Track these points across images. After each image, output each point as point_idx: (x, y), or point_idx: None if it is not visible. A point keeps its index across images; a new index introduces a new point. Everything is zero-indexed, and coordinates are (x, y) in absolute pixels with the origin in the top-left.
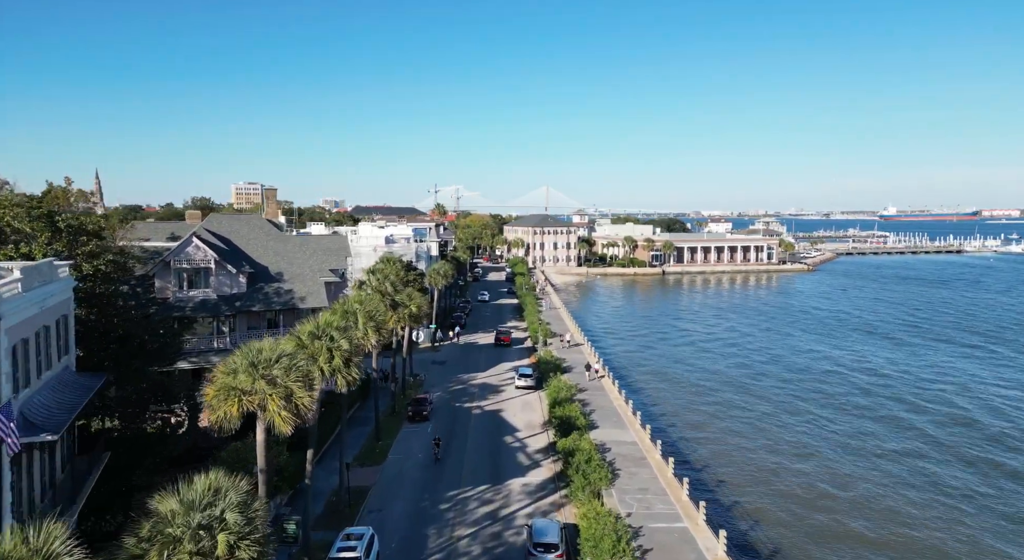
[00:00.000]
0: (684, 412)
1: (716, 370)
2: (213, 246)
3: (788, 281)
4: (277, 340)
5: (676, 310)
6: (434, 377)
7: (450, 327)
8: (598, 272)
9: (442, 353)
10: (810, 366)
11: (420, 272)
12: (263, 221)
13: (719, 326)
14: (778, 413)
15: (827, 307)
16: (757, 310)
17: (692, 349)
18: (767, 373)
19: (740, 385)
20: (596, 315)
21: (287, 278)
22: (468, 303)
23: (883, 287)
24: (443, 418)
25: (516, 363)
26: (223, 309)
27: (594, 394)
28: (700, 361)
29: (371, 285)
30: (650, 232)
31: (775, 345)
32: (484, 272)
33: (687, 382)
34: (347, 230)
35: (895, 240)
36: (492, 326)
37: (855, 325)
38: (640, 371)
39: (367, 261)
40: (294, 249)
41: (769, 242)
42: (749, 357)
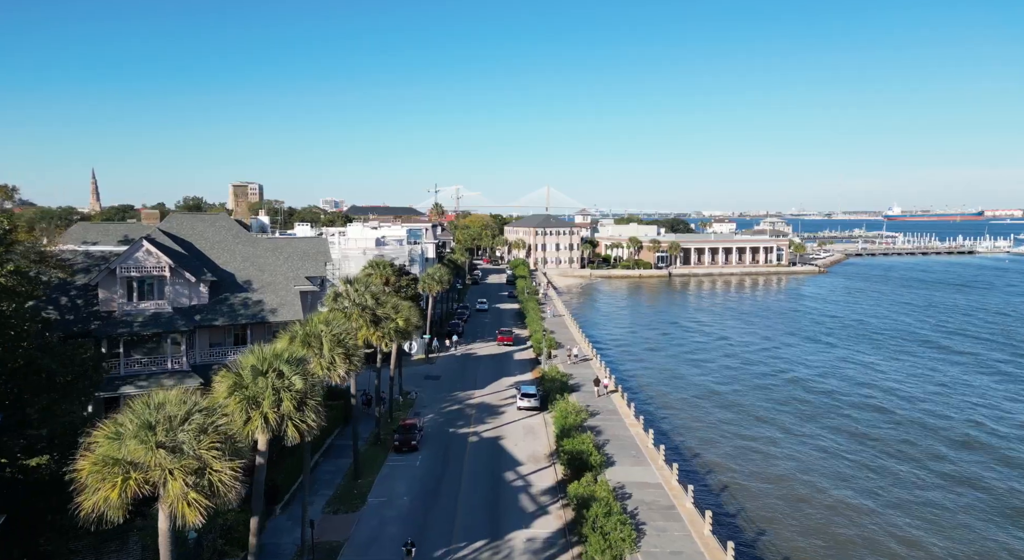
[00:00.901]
0: (712, 442)
1: (743, 389)
2: (168, 251)
3: (801, 284)
4: (185, 391)
5: (686, 316)
6: (427, 395)
7: (447, 335)
8: (602, 274)
9: (437, 366)
10: (854, 384)
11: (413, 277)
12: (230, 222)
13: (736, 335)
14: (834, 453)
15: (851, 313)
16: (774, 316)
17: (709, 361)
18: (802, 395)
19: (774, 409)
20: (602, 321)
21: (257, 287)
22: (466, 309)
23: (907, 291)
24: (434, 447)
25: (517, 378)
26: (179, 323)
27: (607, 420)
28: (721, 376)
29: (349, 297)
30: (654, 232)
31: (804, 358)
32: (484, 274)
33: (708, 401)
34: (335, 232)
35: (904, 241)
36: (491, 334)
37: (893, 334)
38: (654, 387)
39: (356, 265)
40: (266, 254)
41: (779, 243)
42: (778, 373)
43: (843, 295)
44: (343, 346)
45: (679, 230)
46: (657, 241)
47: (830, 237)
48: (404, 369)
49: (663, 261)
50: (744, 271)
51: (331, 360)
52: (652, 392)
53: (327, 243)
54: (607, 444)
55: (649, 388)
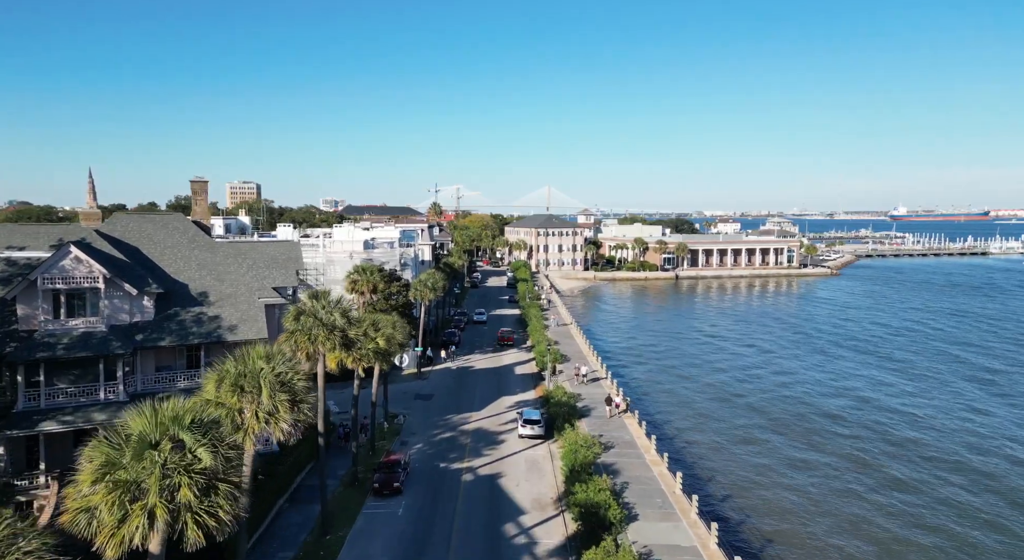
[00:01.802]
0: (749, 488)
1: (777, 417)
2: (104, 257)
3: (814, 287)
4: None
5: (699, 324)
6: (416, 418)
7: (442, 345)
8: (606, 277)
9: (430, 382)
10: (903, 414)
11: (405, 283)
12: (185, 224)
13: (755, 345)
14: (907, 504)
15: (878, 323)
16: (793, 324)
17: (731, 377)
18: (841, 430)
19: (812, 447)
20: (609, 329)
21: (214, 300)
22: (464, 315)
23: (930, 296)
24: (422, 488)
25: (518, 398)
26: (115, 345)
27: (625, 455)
28: (748, 400)
29: (313, 316)
30: (659, 233)
31: (837, 377)
32: (483, 277)
33: (739, 432)
34: (320, 233)
35: (914, 241)
36: (490, 343)
37: (939, 348)
38: (671, 409)
39: (342, 270)
40: (226, 261)
41: (789, 244)
42: (815, 401)
43: (863, 300)
44: (289, 390)
45: (683, 230)
46: (664, 242)
47: (837, 237)
48: (393, 385)
49: (669, 263)
50: (753, 273)
51: (272, 409)
52: (671, 415)
53: (299, 248)
54: (626, 489)
55: (667, 410)
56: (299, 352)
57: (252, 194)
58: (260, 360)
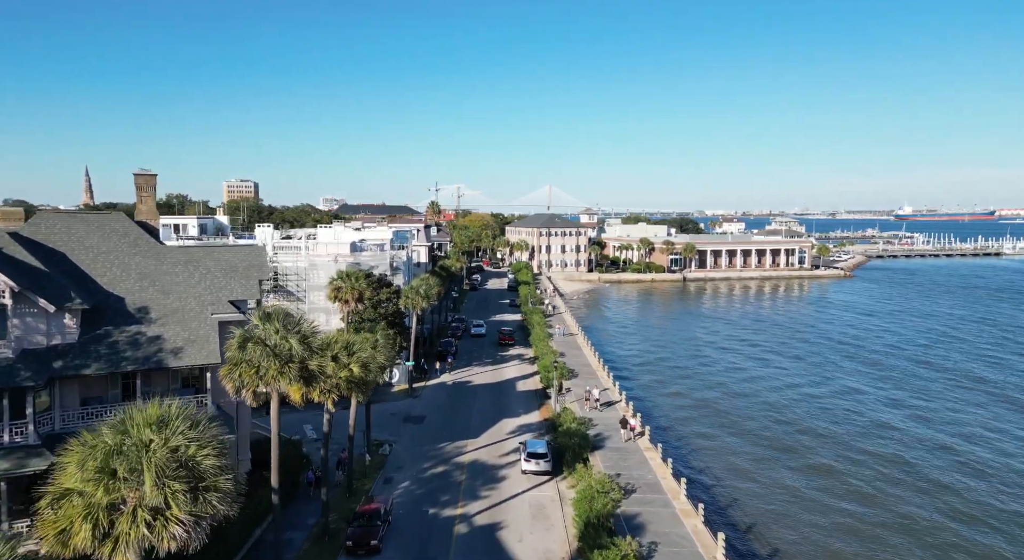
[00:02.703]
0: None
1: (812, 444)
2: (16, 266)
3: (829, 290)
4: None
5: (714, 331)
6: (405, 446)
7: (437, 357)
8: (611, 278)
9: (422, 400)
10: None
11: (396, 289)
12: (126, 224)
13: (780, 359)
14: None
15: (905, 332)
16: (816, 334)
17: (759, 400)
18: (868, 461)
19: (884, 484)
20: (618, 337)
21: (156, 316)
22: (462, 322)
23: (952, 301)
24: (406, 544)
25: (520, 421)
26: (23, 375)
27: (649, 502)
28: (784, 423)
29: (262, 343)
30: (664, 233)
31: (876, 397)
32: (483, 279)
33: (779, 463)
34: (303, 234)
35: (924, 242)
36: (490, 354)
37: (978, 366)
38: (695, 434)
39: (325, 275)
40: (174, 269)
41: (801, 244)
42: (845, 420)
43: (883, 305)
44: (190, 472)
45: (688, 230)
46: (671, 242)
47: (844, 237)
48: (380, 406)
49: (676, 264)
50: (763, 275)
51: (163, 501)
52: (694, 442)
53: (264, 253)
54: (654, 554)
55: (689, 436)
56: (245, 390)
57: (250, 193)
58: (149, 427)
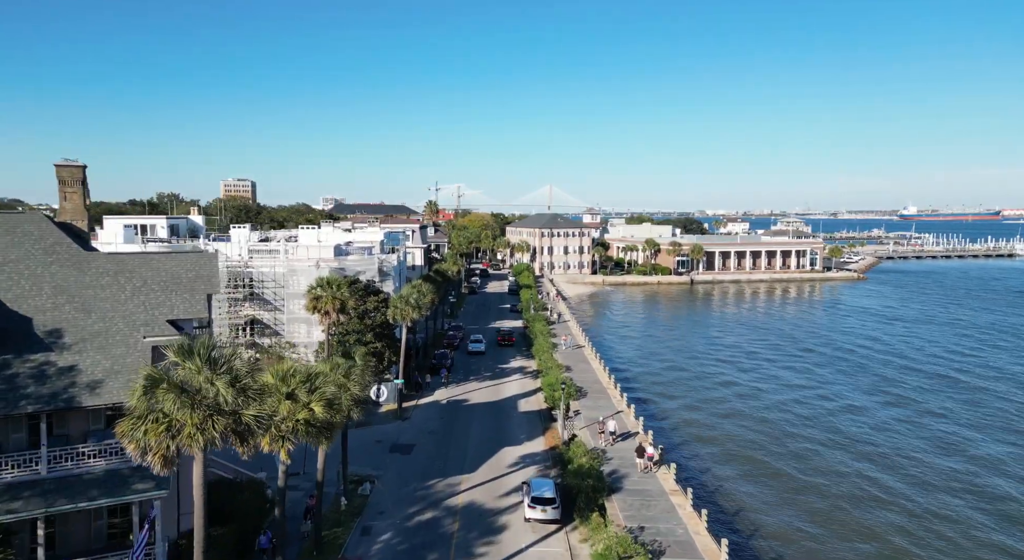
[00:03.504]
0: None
1: (854, 485)
2: None
3: (844, 293)
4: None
5: (730, 340)
6: (390, 483)
7: (430, 370)
8: (615, 281)
9: (411, 424)
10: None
11: (383, 298)
12: (44, 227)
13: (808, 373)
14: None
15: (935, 342)
16: (839, 343)
17: (790, 424)
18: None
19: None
20: (628, 347)
21: (72, 341)
22: (460, 330)
23: (978, 304)
24: None
25: (523, 450)
26: None
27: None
28: (821, 451)
29: (178, 389)
30: (668, 233)
31: (923, 427)
32: (483, 281)
33: (828, 515)
34: (283, 237)
35: (934, 242)
36: (489, 368)
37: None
38: (726, 467)
39: (306, 282)
40: (100, 282)
41: (813, 245)
42: (897, 453)
43: (905, 310)
44: None
45: (692, 230)
46: (678, 243)
47: (849, 237)
48: (365, 431)
49: (683, 266)
50: (773, 277)
51: None
52: (725, 480)
53: (215, 261)
54: None
55: (718, 469)
56: (153, 455)
57: (247, 192)
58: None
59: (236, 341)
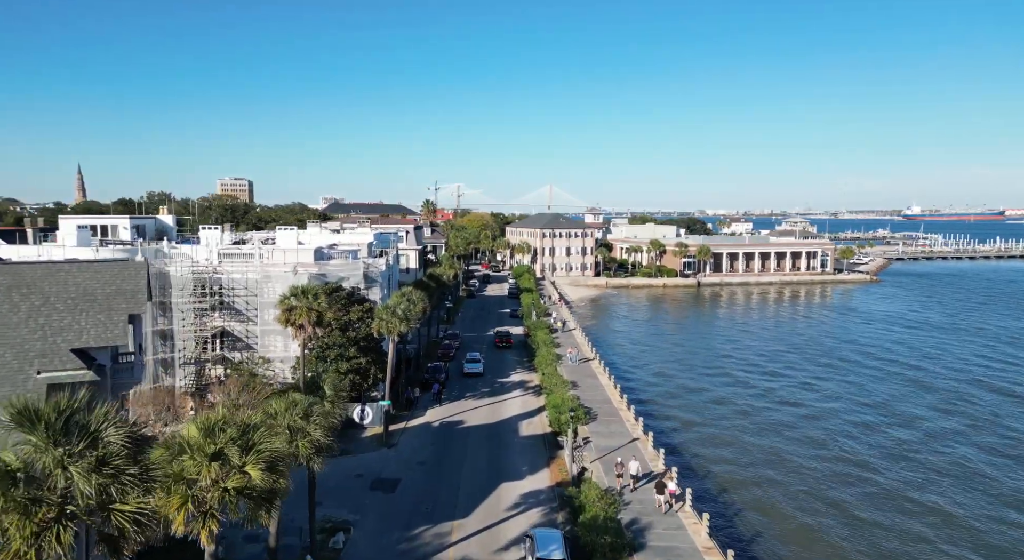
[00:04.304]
0: None
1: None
2: None
3: (858, 296)
4: None
5: (745, 347)
6: (367, 533)
7: (422, 385)
8: (620, 283)
9: (398, 452)
10: None
11: (369, 307)
12: None
13: (841, 388)
14: None
15: (972, 353)
16: (867, 350)
17: (831, 441)
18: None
19: None
20: (638, 358)
21: None
22: (456, 338)
23: (1005, 309)
24: None
25: (526, 486)
26: None
27: None
28: (862, 483)
29: (11, 474)
30: (672, 233)
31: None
32: (481, 284)
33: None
34: (259, 238)
35: (944, 243)
36: (488, 384)
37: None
38: (756, 508)
39: (282, 289)
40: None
41: (824, 246)
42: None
43: (929, 315)
44: None
45: (696, 231)
46: (684, 244)
47: (854, 238)
48: (345, 462)
49: (690, 267)
50: (783, 279)
51: None
52: (752, 524)
53: (144, 272)
54: None
55: (749, 516)
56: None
57: (243, 191)
58: None
59: (203, 356)
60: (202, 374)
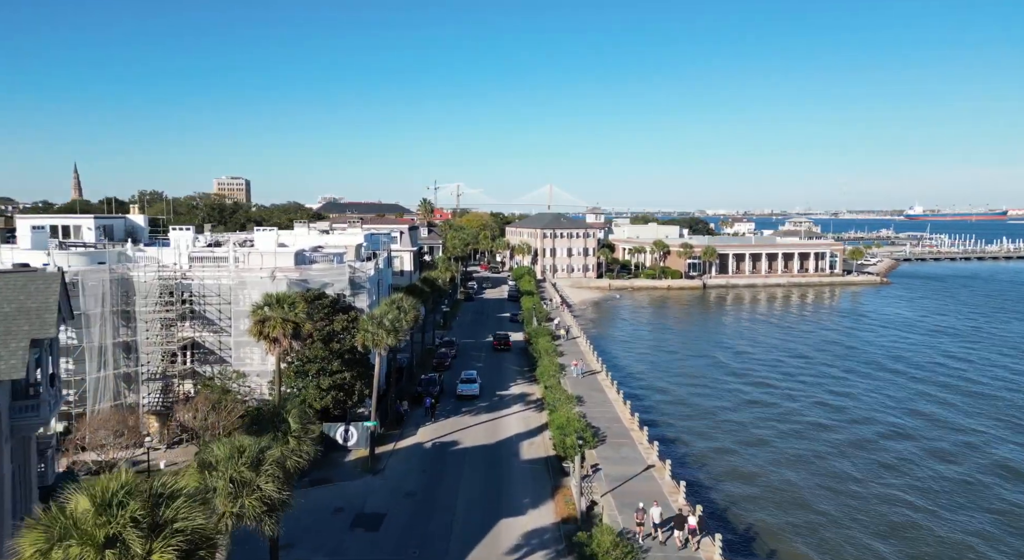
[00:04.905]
0: None
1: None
2: None
3: (868, 299)
4: None
5: (762, 357)
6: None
7: (414, 399)
8: (623, 285)
9: (385, 481)
10: None
11: (354, 315)
12: None
13: (878, 399)
14: None
15: (995, 356)
16: (893, 359)
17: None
18: None
19: None
20: (645, 367)
21: None
22: (452, 346)
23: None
24: None
25: (528, 523)
26: None
27: None
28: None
29: None
30: (676, 233)
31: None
32: (480, 286)
33: None
34: (235, 240)
35: (951, 244)
36: (485, 396)
37: None
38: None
39: (259, 296)
40: None
41: (833, 247)
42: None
43: (944, 319)
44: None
45: (699, 231)
46: (689, 245)
47: (857, 238)
48: (324, 490)
49: (695, 269)
50: (791, 281)
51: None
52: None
53: (55, 284)
54: None
55: (757, 523)
56: None
57: (240, 190)
58: None
59: (170, 371)
60: (169, 391)
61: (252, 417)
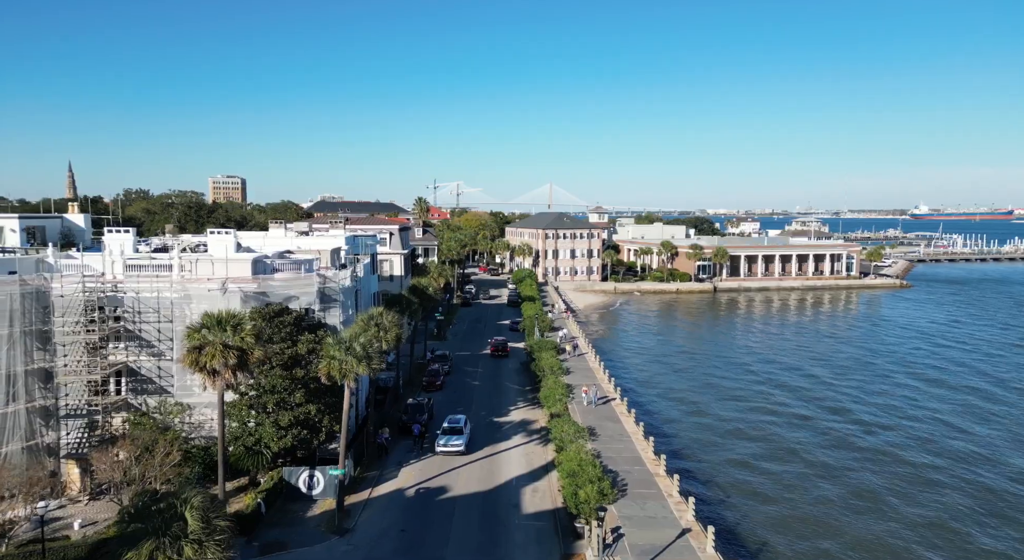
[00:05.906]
0: None
1: None
2: None
3: (888, 303)
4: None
5: (787, 374)
6: None
7: (401, 427)
8: (629, 288)
9: (353, 545)
10: None
11: (324, 334)
12: None
13: (926, 434)
14: None
15: None
16: (943, 380)
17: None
18: None
19: None
20: (662, 389)
21: None
22: (446, 361)
23: None
24: None
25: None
26: None
27: None
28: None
29: None
30: (682, 234)
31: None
32: (478, 291)
33: None
34: (186, 245)
35: (964, 245)
36: (481, 426)
37: None
38: None
39: (207, 309)
40: None
41: (849, 249)
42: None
43: (976, 328)
44: None
45: (704, 231)
46: (699, 246)
47: (865, 238)
48: (279, 559)
49: (704, 271)
50: (806, 284)
51: None
52: None
53: None
54: None
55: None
56: None
57: (236, 190)
58: None
59: (97, 403)
60: (96, 428)
61: (132, 512)
